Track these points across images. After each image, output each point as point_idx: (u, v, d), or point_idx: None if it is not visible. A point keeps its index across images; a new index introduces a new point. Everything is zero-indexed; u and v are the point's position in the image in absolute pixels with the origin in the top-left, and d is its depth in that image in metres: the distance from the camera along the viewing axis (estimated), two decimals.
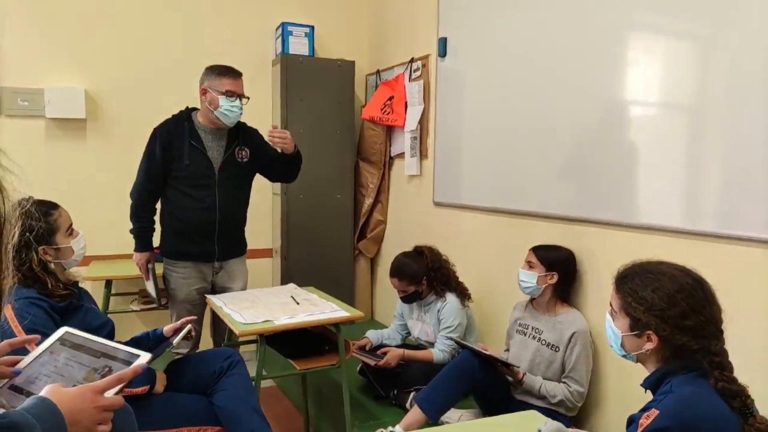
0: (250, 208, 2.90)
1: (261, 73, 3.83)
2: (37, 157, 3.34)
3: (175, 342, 1.92)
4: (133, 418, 1.24)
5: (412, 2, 3.65)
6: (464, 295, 2.79)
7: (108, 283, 3.30)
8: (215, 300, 2.53)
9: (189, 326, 1.98)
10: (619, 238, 2.21)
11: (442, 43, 3.22)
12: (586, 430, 2.32)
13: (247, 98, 2.68)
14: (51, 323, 1.67)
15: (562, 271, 2.33)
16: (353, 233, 4.04)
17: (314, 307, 2.42)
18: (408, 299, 2.84)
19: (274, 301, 2.51)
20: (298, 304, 2.48)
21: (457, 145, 3.17)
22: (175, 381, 2.00)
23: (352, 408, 2.47)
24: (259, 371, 2.25)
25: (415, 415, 2.15)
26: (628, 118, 2.19)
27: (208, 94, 2.61)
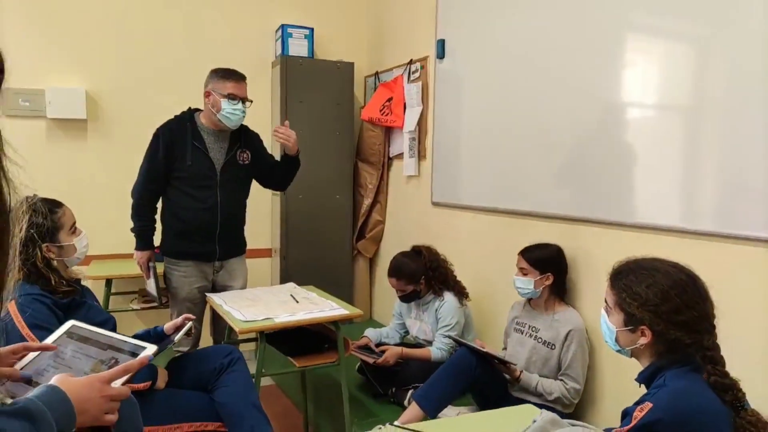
0: (250, 208, 2.92)
1: (261, 75, 3.85)
2: (37, 158, 3.35)
3: (176, 339, 1.94)
4: (138, 410, 1.27)
5: (410, 4, 3.68)
6: (462, 294, 2.82)
7: (108, 282, 3.32)
8: (215, 298, 2.55)
9: (190, 323, 2.00)
10: (618, 238, 2.23)
11: (441, 45, 3.25)
12: None
13: (250, 101, 2.70)
14: (54, 319, 1.68)
15: (555, 270, 2.37)
16: (352, 233, 4.06)
17: (314, 306, 2.44)
18: (406, 298, 2.86)
19: (274, 300, 2.53)
20: (297, 302, 2.50)
21: (456, 146, 3.19)
22: (176, 377, 2.02)
23: (351, 406, 2.49)
24: (259, 369, 2.27)
25: (413, 411, 2.17)
26: (626, 118, 2.21)
27: (212, 96, 2.63)
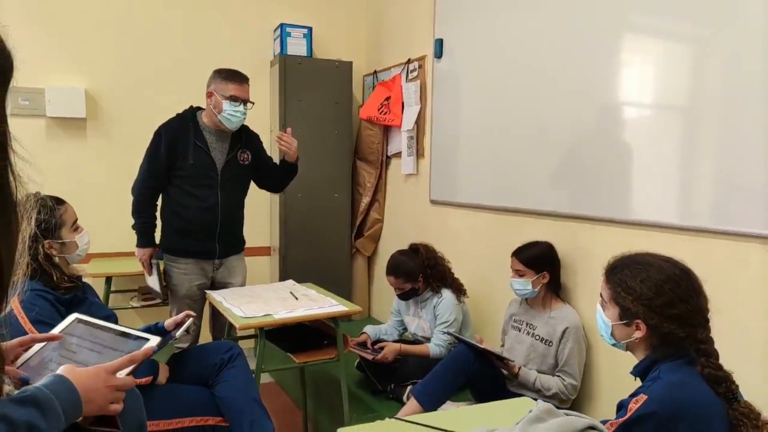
0: (249, 207, 2.94)
1: (259, 74, 3.85)
2: (37, 156, 3.30)
3: (177, 335, 1.95)
4: (141, 402, 1.28)
5: (408, 4, 3.70)
6: (460, 291, 2.83)
7: (108, 279, 3.34)
8: (215, 295, 2.56)
9: (190, 320, 2.02)
10: (615, 235, 2.25)
11: (439, 45, 3.27)
12: None
13: (252, 103, 2.72)
14: (57, 315, 1.70)
15: (550, 267, 2.39)
16: (351, 232, 4.08)
17: (313, 302, 2.46)
18: (404, 296, 2.88)
19: (274, 297, 2.54)
20: (296, 299, 2.52)
21: (453, 145, 3.21)
22: (177, 373, 2.04)
23: (350, 402, 2.50)
24: (259, 365, 2.28)
25: (411, 407, 2.19)
26: (623, 117, 2.23)
27: (213, 97, 2.65)
